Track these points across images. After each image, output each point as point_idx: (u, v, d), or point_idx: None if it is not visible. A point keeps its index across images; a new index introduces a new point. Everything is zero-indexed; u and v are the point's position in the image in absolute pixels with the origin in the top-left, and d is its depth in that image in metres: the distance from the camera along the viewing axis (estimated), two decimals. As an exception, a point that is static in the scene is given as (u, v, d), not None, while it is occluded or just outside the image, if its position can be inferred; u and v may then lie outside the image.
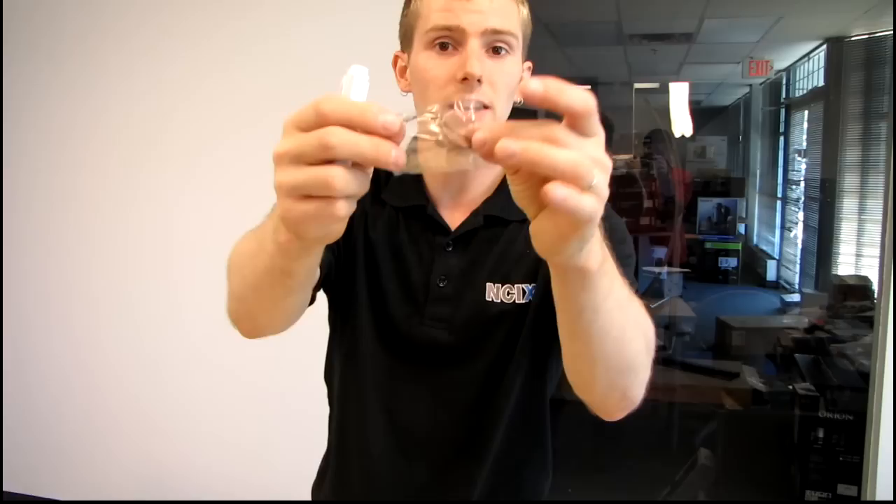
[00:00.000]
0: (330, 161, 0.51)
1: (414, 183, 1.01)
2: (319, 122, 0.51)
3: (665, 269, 4.36)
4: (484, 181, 1.01)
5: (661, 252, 4.65)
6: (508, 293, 0.96)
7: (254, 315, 0.80)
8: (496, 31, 0.89)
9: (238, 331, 0.84)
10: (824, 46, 5.08)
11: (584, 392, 0.77)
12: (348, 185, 0.51)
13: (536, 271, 0.95)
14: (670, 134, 4.98)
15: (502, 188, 1.00)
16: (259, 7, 2.15)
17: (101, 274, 2.32)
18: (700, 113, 6.54)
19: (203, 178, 2.22)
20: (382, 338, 0.98)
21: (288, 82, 2.09)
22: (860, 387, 2.71)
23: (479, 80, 0.88)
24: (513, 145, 0.49)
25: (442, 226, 0.99)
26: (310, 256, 0.66)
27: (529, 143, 0.49)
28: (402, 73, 1.00)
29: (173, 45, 2.20)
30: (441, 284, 0.97)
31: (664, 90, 5.92)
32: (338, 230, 0.56)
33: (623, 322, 0.69)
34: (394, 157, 0.50)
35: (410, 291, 0.98)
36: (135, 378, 2.32)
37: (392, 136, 0.50)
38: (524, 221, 0.91)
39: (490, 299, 0.96)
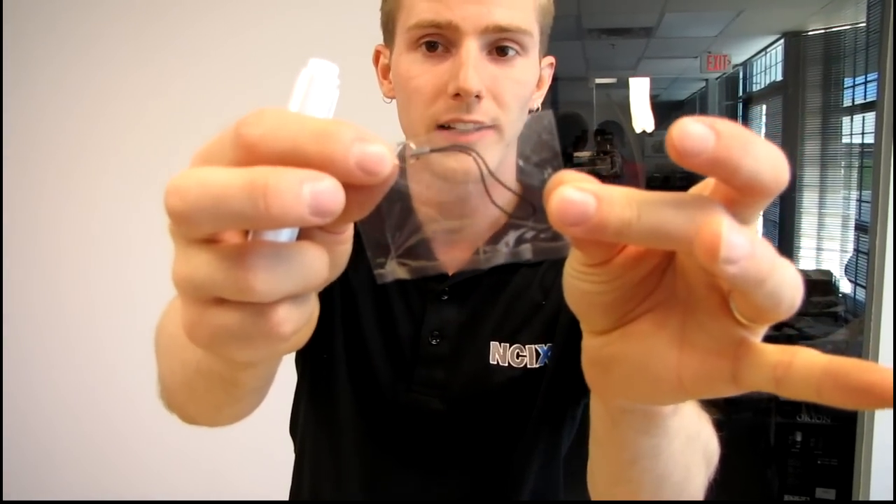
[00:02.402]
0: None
1: (402, 211, 0.82)
2: (244, 157, 0.27)
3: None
4: (488, 213, 0.75)
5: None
6: (518, 355, 0.76)
7: (189, 414, 0.60)
8: (501, 29, 0.67)
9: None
10: (782, 41, 5.11)
11: None
12: (295, 278, 0.28)
13: (553, 329, 0.76)
14: (624, 126, 4.95)
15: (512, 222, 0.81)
16: (253, 3, 2.10)
17: (102, 275, 2.28)
18: (658, 108, 6.55)
19: None
20: (362, 405, 0.79)
21: (282, 82, 2.00)
22: (836, 387, 2.69)
23: (477, 96, 0.66)
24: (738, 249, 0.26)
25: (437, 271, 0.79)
26: (263, 366, 0.44)
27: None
28: (384, 72, 0.78)
29: (174, 45, 2.15)
30: (434, 342, 0.77)
31: (623, 85, 5.92)
32: (289, 347, 0.33)
33: (688, 461, 0.48)
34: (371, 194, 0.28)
35: (396, 349, 0.77)
36: (135, 378, 2.27)
37: (375, 183, 0.27)
38: (536, 265, 0.76)
39: (495, 362, 0.76)
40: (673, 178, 6.36)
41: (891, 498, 1.81)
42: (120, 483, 2.33)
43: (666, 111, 7.64)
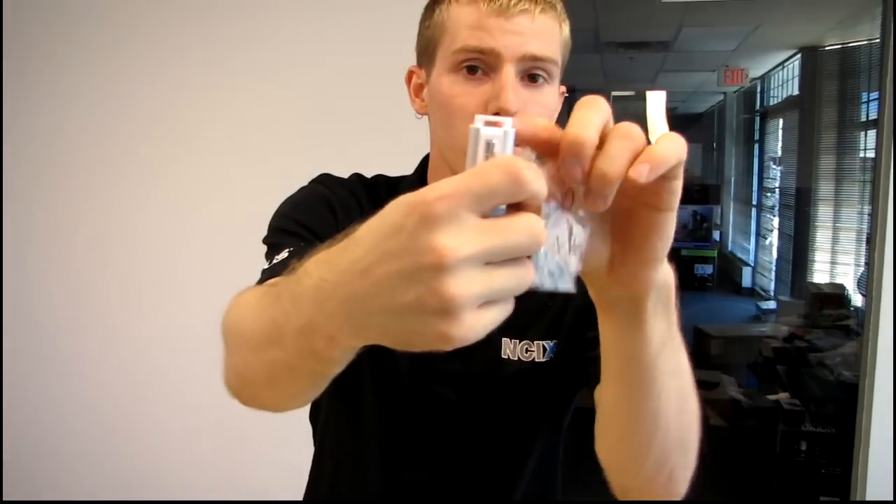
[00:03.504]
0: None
1: None
2: (522, 199, 0.37)
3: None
4: None
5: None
6: (527, 350, 0.85)
7: (262, 402, 0.62)
8: (536, 58, 0.76)
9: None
10: (799, 55, 5.13)
11: (628, 471, 0.64)
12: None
13: (558, 326, 0.85)
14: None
15: None
16: (262, 8, 2.10)
17: (103, 276, 2.29)
18: (675, 120, 6.59)
19: (204, 180, 2.18)
20: (382, 394, 0.87)
21: (290, 86, 2.06)
22: (842, 398, 2.71)
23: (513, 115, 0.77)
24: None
25: None
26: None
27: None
28: (417, 91, 0.86)
29: (174, 46, 2.16)
30: None
31: (641, 98, 5.95)
32: None
33: (682, 384, 0.59)
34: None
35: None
36: (135, 379, 2.29)
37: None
38: None
39: (506, 356, 0.85)
40: (689, 189, 6.39)
41: (890, 499, 1.84)
42: (120, 483, 2.33)
43: (684, 123, 7.66)
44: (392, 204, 0.37)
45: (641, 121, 5.49)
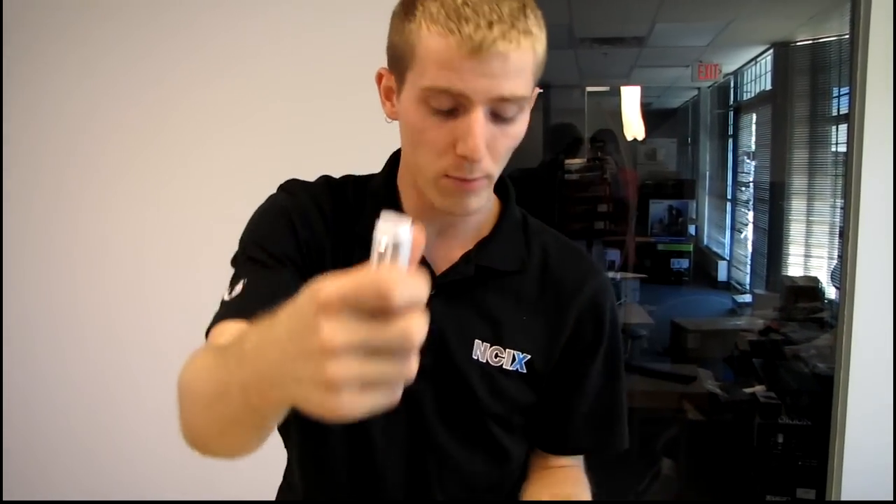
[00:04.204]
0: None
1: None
2: (390, 310, 0.43)
3: (619, 275, 4.34)
4: (475, 220, 0.90)
5: (613, 254, 4.64)
6: (497, 356, 0.88)
7: (214, 451, 0.69)
8: (506, 99, 0.74)
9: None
10: (771, 51, 5.17)
11: None
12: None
13: (535, 343, 0.90)
14: (617, 134, 4.99)
15: (497, 232, 0.91)
16: (264, 10, 2.11)
17: (103, 276, 2.30)
18: (650, 115, 6.59)
19: (204, 181, 2.18)
20: None
21: (288, 87, 2.07)
22: (817, 391, 2.73)
23: (483, 158, 0.76)
24: None
25: (425, 268, 0.88)
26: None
27: None
28: (387, 94, 0.84)
29: (176, 45, 2.16)
30: None
31: (615, 93, 5.96)
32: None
33: None
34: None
35: None
36: (135, 380, 2.30)
37: None
38: (518, 272, 0.90)
39: (476, 357, 0.88)
40: (665, 184, 6.42)
41: (891, 498, 1.86)
42: (120, 483, 2.33)
43: (659, 119, 7.69)
44: (305, 289, 0.45)
45: (616, 117, 5.51)
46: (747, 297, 5.41)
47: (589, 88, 6.24)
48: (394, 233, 0.46)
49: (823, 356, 2.99)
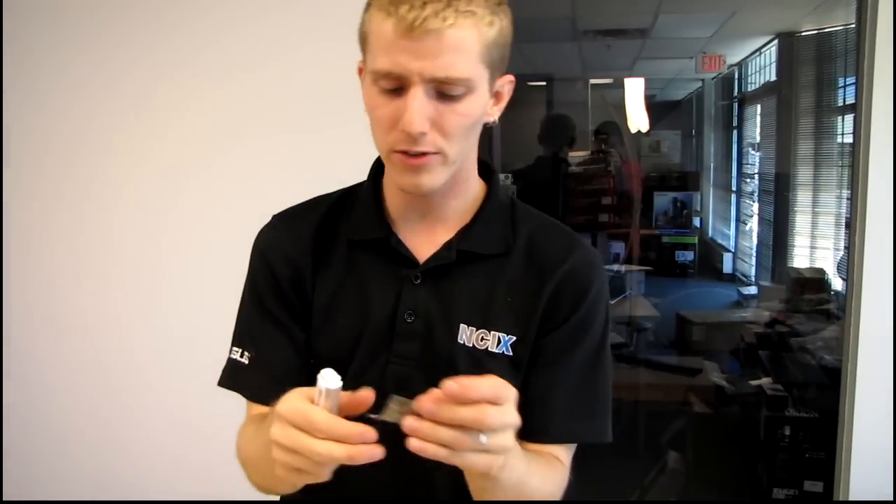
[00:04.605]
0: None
1: (373, 210, 0.93)
2: (311, 432, 0.66)
3: (624, 267, 4.33)
4: (457, 206, 0.92)
5: (618, 247, 4.62)
6: (482, 339, 0.89)
7: (276, 492, 0.94)
8: (444, 81, 0.76)
9: None
10: (776, 41, 5.14)
11: None
12: (332, 468, 0.68)
13: (520, 324, 0.89)
14: (620, 126, 4.98)
15: (480, 217, 0.92)
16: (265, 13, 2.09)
17: (103, 276, 2.29)
18: (654, 108, 6.59)
19: (205, 181, 2.17)
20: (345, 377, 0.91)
21: (288, 89, 2.06)
22: (824, 383, 2.72)
23: (423, 132, 0.78)
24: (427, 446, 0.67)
25: (408, 258, 0.91)
26: None
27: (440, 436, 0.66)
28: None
29: (177, 46, 2.15)
30: (409, 319, 0.90)
31: (619, 85, 5.94)
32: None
33: (549, 488, 0.88)
34: (369, 453, 0.65)
35: (377, 326, 0.90)
36: (135, 379, 2.29)
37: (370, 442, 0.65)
38: (503, 255, 0.91)
39: (462, 342, 0.89)
40: (669, 177, 6.40)
41: (891, 498, 1.85)
42: (120, 483, 2.33)
43: (663, 111, 7.67)
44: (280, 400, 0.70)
45: (620, 109, 5.49)
46: (753, 289, 5.40)
47: (592, 81, 6.23)
48: (326, 385, 0.67)
49: (830, 348, 2.98)
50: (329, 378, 0.67)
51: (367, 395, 0.68)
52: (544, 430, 0.91)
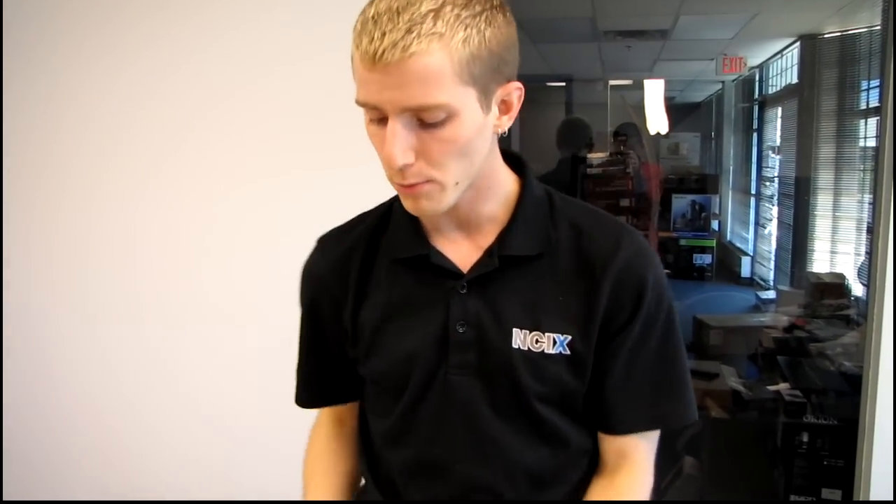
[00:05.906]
0: None
1: (409, 227, 0.92)
2: None
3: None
4: (491, 209, 0.90)
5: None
6: (537, 341, 0.88)
7: None
8: (418, 109, 0.73)
9: None
10: (797, 43, 5.10)
11: None
12: None
13: (575, 322, 0.88)
14: (640, 128, 4.95)
15: (518, 216, 0.90)
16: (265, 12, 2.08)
17: (103, 275, 2.28)
18: (673, 109, 6.54)
19: (210, 180, 2.15)
20: (411, 394, 0.94)
21: (286, 89, 2.04)
22: (843, 389, 2.69)
23: (407, 164, 0.76)
24: None
25: (451, 270, 0.90)
26: None
27: None
28: None
29: (178, 45, 2.14)
30: (461, 330, 0.89)
31: (639, 87, 5.92)
32: None
33: None
34: None
35: (430, 342, 0.90)
36: (136, 379, 2.28)
37: None
38: (548, 253, 0.90)
39: (517, 346, 0.88)
40: (688, 179, 6.37)
41: (891, 498, 1.82)
42: (120, 483, 2.33)
43: (683, 113, 7.63)
44: None
45: (639, 111, 5.46)
46: (771, 294, 5.35)
47: (612, 82, 6.20)
48: None
49: (850, 354, 2.95)
50: None
51: None
52: (627, 421, 0.93)
